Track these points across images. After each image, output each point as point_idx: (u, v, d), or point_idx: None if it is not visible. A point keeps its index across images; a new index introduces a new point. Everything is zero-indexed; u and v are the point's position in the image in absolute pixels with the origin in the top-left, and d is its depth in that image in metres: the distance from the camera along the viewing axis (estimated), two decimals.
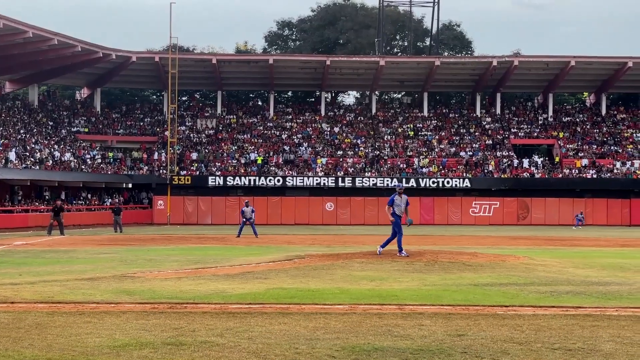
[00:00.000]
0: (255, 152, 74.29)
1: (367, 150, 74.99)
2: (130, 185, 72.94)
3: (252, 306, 14.08)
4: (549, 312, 13.71)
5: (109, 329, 11.56)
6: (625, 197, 68.90)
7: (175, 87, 70.99)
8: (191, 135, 77.07)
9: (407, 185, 68.39)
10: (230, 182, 69.48)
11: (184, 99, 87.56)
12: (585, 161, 72.78)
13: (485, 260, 23.10)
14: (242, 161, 72.77)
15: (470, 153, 74.37)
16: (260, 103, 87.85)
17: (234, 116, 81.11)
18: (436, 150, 75.09)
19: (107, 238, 41.93)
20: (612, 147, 75.25)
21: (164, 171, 70.15)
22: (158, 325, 11.85)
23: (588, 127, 78.60)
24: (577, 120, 79.90)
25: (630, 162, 72.62)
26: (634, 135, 77.07)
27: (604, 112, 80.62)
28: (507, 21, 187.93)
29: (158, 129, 78.03)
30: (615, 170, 71.65)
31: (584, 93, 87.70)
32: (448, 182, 69.75)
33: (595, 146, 75.45)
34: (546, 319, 12.92)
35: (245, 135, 77.54)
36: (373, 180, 69.07)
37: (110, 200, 68.43)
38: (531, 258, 24.85)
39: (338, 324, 12.22)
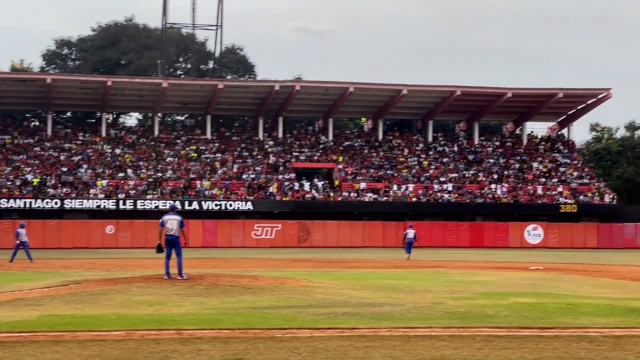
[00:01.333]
0: (32, 173, 71.67)
1: (149, 172, 74.04)
2: None
3: (22, 334, 13.52)
4: (325, 334, 13.97)
5: None
6: (400, 220, 71.53)
7: None
8: None
9: (190, 207, 68.09)
10: (4, 204, 66.65)
11: None
12: (363, 184, 75.06)
13: (266, 283, 23.32)
14: (17, 183, 69.98)
15: (253, 176, 75.00)
16: (37, 123, 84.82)
17: (9, 136, 77.95)
18: (219, 172, 75.21)
19: None
20: (388, 171, 78.03)
21: None
22: None
23: (366, 151, 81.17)
24: (356, 144, 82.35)
25: (405, 185, 75.54)
26: (409, 159, 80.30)
27: (380, 137, 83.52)
28: (290, 47, 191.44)
29: None
30: (391, 194, 74.34)
31: (362, 118, 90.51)
32: (231, 205, 69.99)
33: (372, 170, 77.99)
34: (322, 341, 13.16)
35: (20, 156, 74.65)
36: (155, 203, 68.25)
37: None
38: (310, 280, 25.30)
39: (114, 351, 11.95)
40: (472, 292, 22.60)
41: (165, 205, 67.38)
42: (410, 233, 48.47)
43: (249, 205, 70.44)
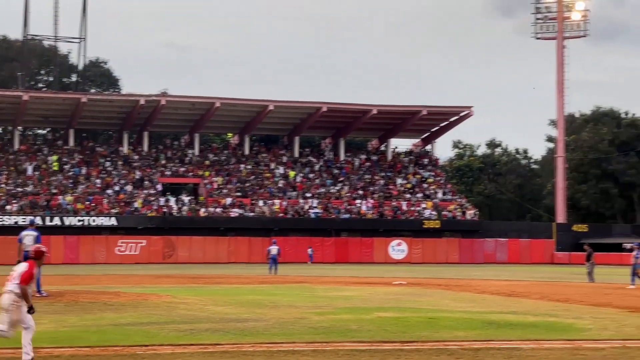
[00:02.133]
0: None
1: (8, 187, 71.72)
2: None
3: None
4: (187, 350, 13.77)
5: None
6: (266, 235, 71.44)
7: None
8: None
9: (51, 223, 66.25)
10: None
11: None
12: (229, 200, 74.76)
13: (128, 299, 22.88)
14: None
15: (118, 189, 73.66)
16: None
17: None
18: (82, 187, 73.53)
19: None
20: (254, 187, 77.96)
21: None
22: None
23: (232, 166, 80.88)
24: (222, 159, 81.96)
25: (271, 201, 75.63)
26: (275, 174, 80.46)
27: (247, 151, 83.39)
28: (156, 61, 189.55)
29: None
30: (257, 209, 74.26)
31: (229, 134, 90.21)
32: (94, 220, 68.50)
33: (239, 185, 77.75)
34: (184, 357, 12.96)
35: None
36: (14, 218, 66.10)
37: None
38: (173, 296, 24.97)
39: None
40: (336, 307, 22.73)
41: (25, 221, 65.30)
42: (274, 249, 48.59)
43: (113, 221, 69.10)
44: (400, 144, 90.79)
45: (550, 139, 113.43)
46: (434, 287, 34.79)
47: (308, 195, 78.06)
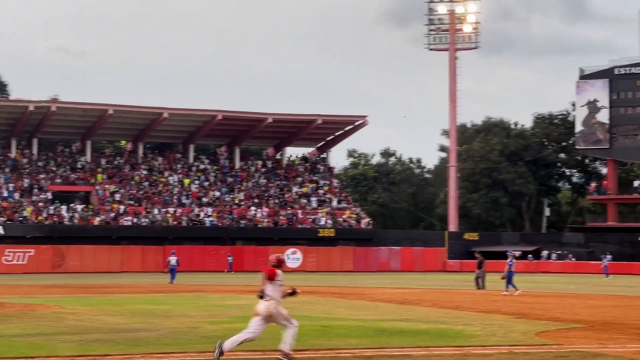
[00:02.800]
0: None
1: None
2: None
3: None
4: None
5: None
6: (160, 244, 70.64)
7: None
8: None
9: None
10: None
11: None
12: (122, 207, 73.63)
13: (14, 310, 22.30)
14: None
15: (5, 196, 71.74)
16: None
17: None
18: None
19: None
20: (148, 195, 76.98)
21: None
22: None
23: (126, 174, 79.69)
24: (115, 166, 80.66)
25: (165, 209, 74.82)
26: (169, 182, 79.61)
27: (140, 159, 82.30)
28: (47, 67, 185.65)
29: None
30: (152, 217, 73.35)
31: (122, 141, 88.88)
32: None
33: (132, 192, 76.66)
34: None
35: None
36: None
37: None
38: (62, 307, 24.44)
39: None
40: (230, 316, 22.62)
41: None
42: (173, 260, 48.33)
43: (0, 230, 67.24)
44: (296, 153, 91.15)
45: (442, 149, 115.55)
46: (328, 295, 34.95)
47: (203, 202, 77.52)
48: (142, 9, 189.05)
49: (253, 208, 78.19)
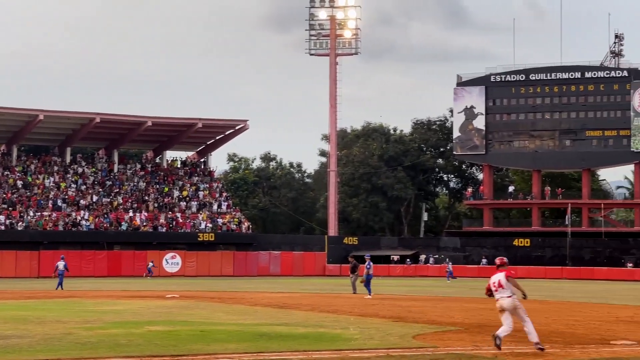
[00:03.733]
0: None
1: None
2: None
3: None
4: None
5: None
6: (35, 249, 68.89)
7: None
8: None
9: None
10: None
11: None
12: None
13: None
14: None
15: None
16: None
17: None
18: None
19: None
20: (23, 198, 74.94)
21: None
22: None
23: None
24: None
25: (40, 212, 73.00)
26: (45, 185, 77.66)
27: (15, 162, 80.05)
28: None
29: None
30: (26, 221, 71.41)
31: None
32: None
33: (6, 196, 74.49)
34: None
35: None
36: None
37: None
38: None
39: None
40: (106, 322, 22.21)
41: None
42: (61, 264, 47.28)
43: None
44: (176, 156, 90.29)
45: (323, 154, 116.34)
46: (207, 300, 34.73)
47: (80, 206, 75.93)
48: (16, 10, 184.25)
49: (131, 212, 77.04)
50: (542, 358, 15.34)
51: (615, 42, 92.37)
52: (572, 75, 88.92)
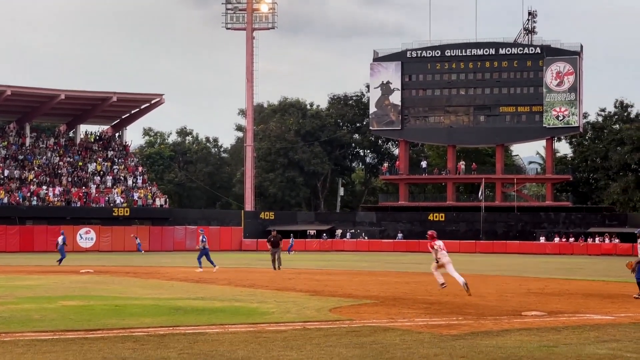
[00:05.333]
0: None
1: None
2: None
3: None
4: None
5: None
6: None
7: None
8: None
9: None
10: None
11: None
12: None
13: None
14: None
15: None
16: None
17: None
18: None
19: None
20: None
21: None
22: None
23: None
24: None
25: None
26: None
27: None
28: None
29: None
30: None
31: None
32: None
33: None
34: None
35: None
36: None
37: None
38: None
39: None
40: (18, 297, 21.86)
41: None
42: (60, 239, 46.21)
43: None
44: (90, 130, 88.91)
45: (239, 128, 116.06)
46: (122, 274, 34.42)
47: None
48: None
49: (44, 187, 75.68)
50: (455, 329, 15.60)
51: (528, 19, 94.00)
52: (486, 51, 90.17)
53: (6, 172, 76.28)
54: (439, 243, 23.92)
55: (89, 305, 19.76)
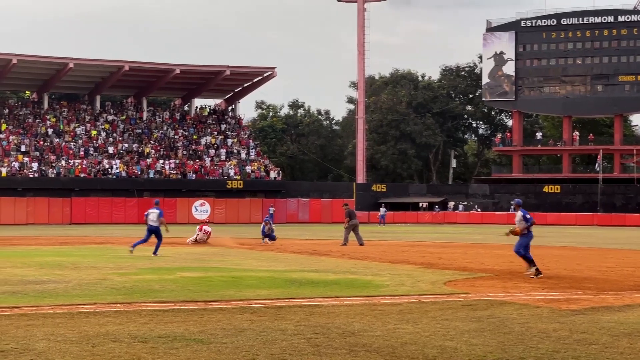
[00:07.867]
0: None
1: None
2: None
3: None
4: None
5: None
6: (67, 196, 69.59)
7: None
8: None
9: None
10: None
11: None
12: (27, 159, 72.05)
13: None
14: None
15: None
16: None
17: None
18: None
19: None
20: (55, 145, 75.47)
21: None
22: None
23: (31, 124, 77.85)
24: (20, 116, 78.70)
25: (72, 160, 73.52)
26: (76, 133, 78.08)
27: (46, 110, 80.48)
28: None
29: None
30: (57, 169, 71.93)
31: (27, 92, 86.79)
32: None
33: (38, 143, 75.05)
34: None
35: None
36: None
37: None
38: None
39: None
40: (139, 268, 22.45)
41: None
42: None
43: None
44: (204, 104, 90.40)
45: (351, 101, 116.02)
46: (237, 247, 34.95)
47: (110, 153, 76.37)
48: None
49: (161, 160, 77.41)
50: (574, 304, 15.35)
51: None
52: (604, 19, 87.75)
53: (125, 146, 78.32)
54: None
55: (206, 276, 20.16)
